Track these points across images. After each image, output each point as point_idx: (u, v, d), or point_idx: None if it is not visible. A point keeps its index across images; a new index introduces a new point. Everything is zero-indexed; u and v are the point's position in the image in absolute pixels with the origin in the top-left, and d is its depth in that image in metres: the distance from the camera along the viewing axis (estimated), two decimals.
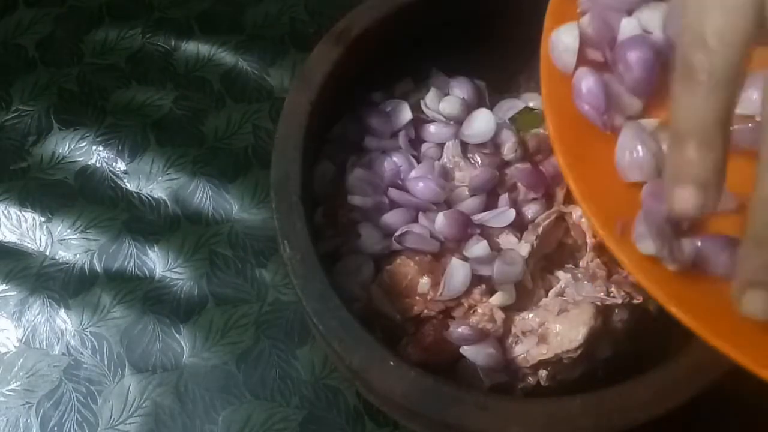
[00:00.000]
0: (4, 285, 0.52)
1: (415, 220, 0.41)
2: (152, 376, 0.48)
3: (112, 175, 0.56)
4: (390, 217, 0.41)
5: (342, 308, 0.35)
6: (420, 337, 0.39)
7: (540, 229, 0.40)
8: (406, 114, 0.44)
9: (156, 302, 0.51)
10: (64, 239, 0.54)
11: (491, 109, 0.44)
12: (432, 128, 0.44)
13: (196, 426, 0.46)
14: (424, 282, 0.39)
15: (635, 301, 0.38)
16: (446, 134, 0.43)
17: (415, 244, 0.40)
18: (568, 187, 0.32)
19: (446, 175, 0.42)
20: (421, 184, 0.41)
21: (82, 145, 0.57)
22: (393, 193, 0.41)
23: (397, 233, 0.40)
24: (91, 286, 0.51)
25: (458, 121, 0.44)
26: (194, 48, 0.61)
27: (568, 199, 0.42)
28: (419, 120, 0.44)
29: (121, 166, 0.56)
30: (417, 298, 0.39)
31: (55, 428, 0.47)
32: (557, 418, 0.32)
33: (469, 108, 0.45)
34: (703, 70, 0.24)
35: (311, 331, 0.47)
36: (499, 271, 0.39)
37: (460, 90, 0.45)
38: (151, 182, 0.55)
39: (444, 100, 0.44)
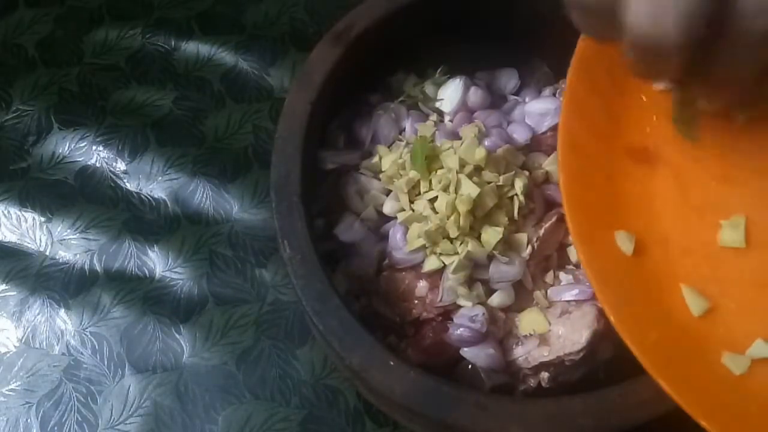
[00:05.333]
0: (4, 285, 0.52)
1: None
2: (152, 376, 0.48)
3: (112, 175, 0.56)
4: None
5: (342, 308, 0.35)
6: (419, 339, 0.39)
7: (541, 231, 0.40)
8: (404, 117, 0.44)
9: (156, 302, 0.50)
10: (64, 239, 0.54)
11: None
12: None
13: (196, 426, 0.46)
14: (422, 286, 0.39)
15: None
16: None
17: (401, 264, 0.40)
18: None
19: None
20: None
21: (82, 145, 0.57)
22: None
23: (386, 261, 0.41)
24: (91, 286, 0.51)
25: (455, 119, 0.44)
26: (194, 48, 0.61)
27: None
28: (417, 117, 0.44)
29: (121, 166, 0.56)
30: (415, 301, 0.39)
31: (55, 428, 0.47)
32: (557, 418, 0.32)
33: (467, 106, 0.45)
34: None
35: (311, 331, 0.47)
36: (495, 271, 0.39)
37: (459, 89, 0.45)
38: (151, 182, 0.55)
39: (442, 98, 0.44)
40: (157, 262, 0.52)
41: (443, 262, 0.39)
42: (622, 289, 0.32)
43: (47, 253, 0.53)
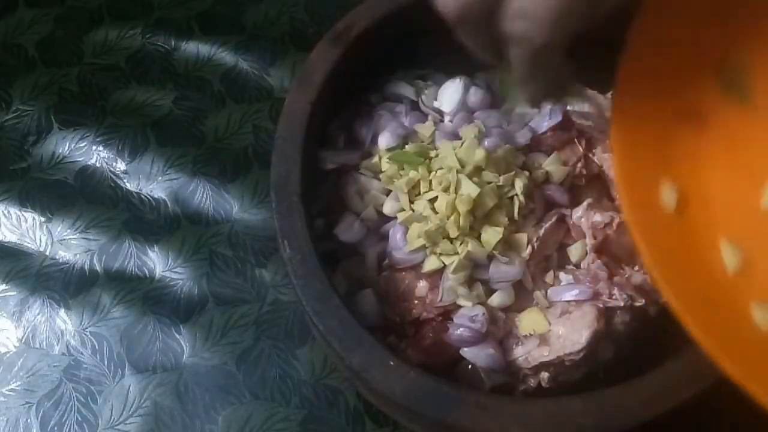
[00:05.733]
0: (4, 285, 0.52)
1: None
2: (152, 376, 0.48)
3: (112, 175, 0.56)
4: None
5: (342, 308, 0.35)
6: (419, 339, 0.39)
7: (541, 231, 0.40)
8: (404, 117, 0.44)
9: (156, 302, 0.50)
10: (64, 239, 0.54)
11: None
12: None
13: (196, 426, 0.46)
14: (422, 286, 0.39)
15: (637, 304, 0.38)
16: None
17: (401, 264, 0.40)
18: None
19: None
20: None
21: (82, 145, 0.57)
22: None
23: (386, 261, 0.41)
24: (91, 286, 0.51)
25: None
26: (194, 48, 0.61)
27: (572, 204, 0.42)
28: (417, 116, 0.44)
29: (121, 166, 0.56)
30: (415, 301, 0.39)
31: (55, 428, 0.47)
32: (557, 418, 0.32)
33: (467, 106, 0.45)
34: None
35: (311, 331, 0.47)
36: (495, 271, 0.39)
37: (459, 89, 0.45)
38: (151, 182, 0.55)
39: (442, 98, 0.45)
40: (157, 262, 0.52)
41: (443, 262, 0.39)
42: (663, 240, 0.32)
43: (47, 253, 0.53)
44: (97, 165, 0.57)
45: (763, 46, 0.35)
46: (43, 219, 0.54)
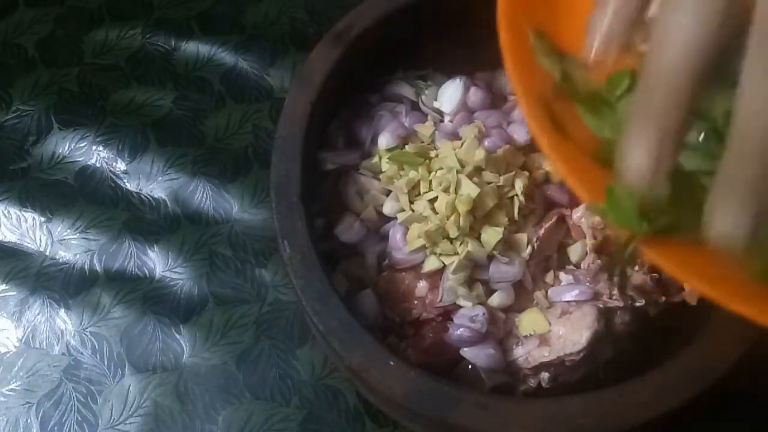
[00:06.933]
0: (4, 285, 0.52)
1: None
2: (152, 376, 0.48)
3: (112, 175, 0.56)
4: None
5: (342, 308, 0.35)
6: (419, 339, 0.39)
7: (541, 231, 0.40)
8: (404, 118, 0.44)
9: (156, 302, 0.50)
10: (64, 239, 0.54)
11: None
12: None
13: (196, 426, 0.46)
14: (422, 286, 0.39)
15: (637, 304, 0.38)
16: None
17: (401, 264, 0.40)
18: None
19: None
20: None
21: (82, 145, 0.57)
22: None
23: (386, 261, 0.41)
24: (91, 286, 0.51)
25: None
26: (194, 48, 0.61)
27: (572, 204, 0.42)
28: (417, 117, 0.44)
29: (121, 166, 0.56)
30: (415, 301, 0.39)
31: (55, 428, 0.47)
32: (557, 418, 0.32)
33: (467, 106, 0.45)
34: None
35: (311, 331, 0.47)
36: (495, 271, 0.39)
37: (459, 89, 0.45)
38: (151, 182, 0.55)
39: (442, 99, 0.45)
40: (157, 262, 0.52)
41: (443, 263, 0.39)
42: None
43: (47, 253, 0.53)
44: (97, 165, 0.57)
45: None
46: (43, 219, 0.54)
